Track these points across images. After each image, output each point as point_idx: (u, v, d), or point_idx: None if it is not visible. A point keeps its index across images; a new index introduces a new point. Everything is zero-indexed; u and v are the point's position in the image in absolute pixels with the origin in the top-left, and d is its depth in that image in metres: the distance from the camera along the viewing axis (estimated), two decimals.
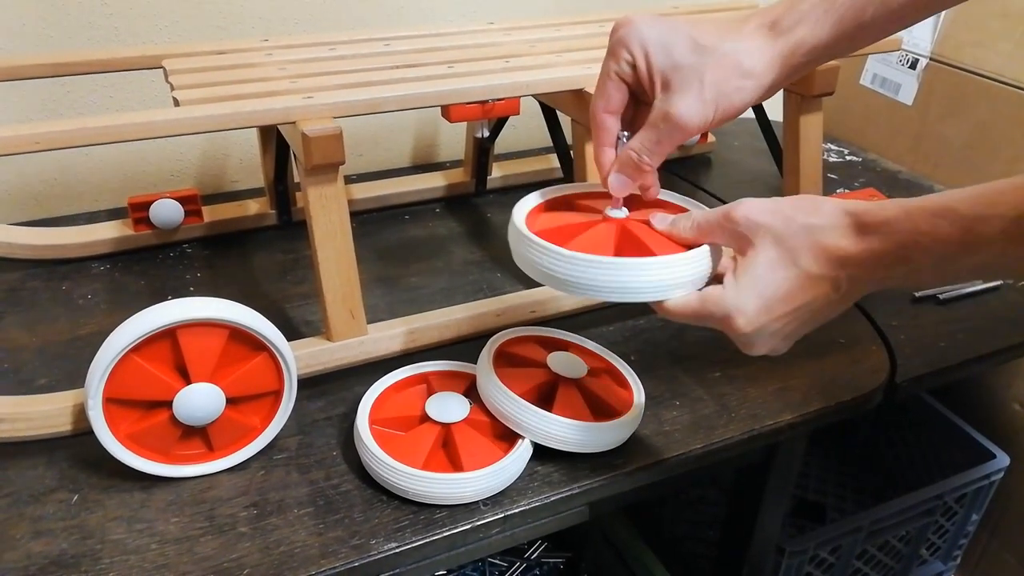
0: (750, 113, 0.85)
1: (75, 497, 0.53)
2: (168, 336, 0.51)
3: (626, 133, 0.50)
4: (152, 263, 0.78)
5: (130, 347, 0.49)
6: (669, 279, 0.46)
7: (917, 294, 0.76)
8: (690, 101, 0.47)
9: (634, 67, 0.48)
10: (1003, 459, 0.96)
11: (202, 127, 0.53)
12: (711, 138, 1.06)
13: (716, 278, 0.48)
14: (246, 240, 0.83)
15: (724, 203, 0.94)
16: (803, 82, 0.74)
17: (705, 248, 0.47)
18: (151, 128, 0.52)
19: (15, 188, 0.85)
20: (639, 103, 0.50)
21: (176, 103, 0.55)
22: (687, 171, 1.01)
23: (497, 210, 0.90)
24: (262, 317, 0.53)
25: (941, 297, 0.75)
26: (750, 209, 0.45)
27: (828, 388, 0.64)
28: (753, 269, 0.44)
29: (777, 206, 0.45)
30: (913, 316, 0.73)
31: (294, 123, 0.55)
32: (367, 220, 0.87)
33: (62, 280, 0.76)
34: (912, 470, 1.04)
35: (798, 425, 0.61)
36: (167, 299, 0.72)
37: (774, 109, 0.79)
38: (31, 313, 0.71)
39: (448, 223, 0.87)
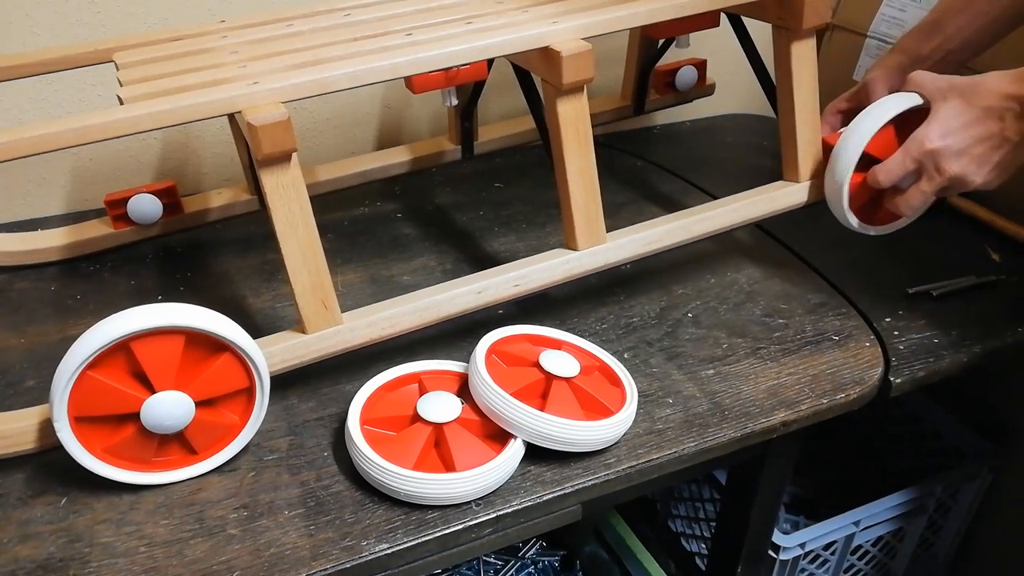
0: (742, 108, 0.85)
1: (63, 500, 0.52)
2: (122, 349, 0.49)
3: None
4: (140, 263, 0.78)
5: (85, 365, 0.48)
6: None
7: (911, 290, 0.76)
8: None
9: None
10: (996, 455, 0.96)
11: (142, 126, 0.51)
12: (710, 80, 1.00)
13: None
14: (233, 231, 0.82)
15: (714, 197, 0.94)
16: (792, 16, 0.68)
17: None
18: (87, 133, 0.50)
19: (2, 187, 0.84)
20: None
21: (120, 102, 0.53)
22: (679, 167, 1.01)
23: (488, 208, 0.89)
24: (220, 316, 0.52)
25: (935, 293, 0.75)
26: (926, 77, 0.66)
27: (822, 386, 0.64)
28: (935, 113, 0.63)
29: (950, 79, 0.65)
30: (907, 312, 0.73)
31: (240, 112, 0.53)
32: (358, 219, 0.87)
33: (51, 281, 0.75)
34: (906, 466, 1.04)
35: (791, 423, 0.61)
36: (156, 298, 0.72)
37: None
38: (19, 314, 0.70)
39: (439, 221, 0.87)
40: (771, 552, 0.84)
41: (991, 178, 0.62)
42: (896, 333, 0.70)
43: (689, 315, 0.72)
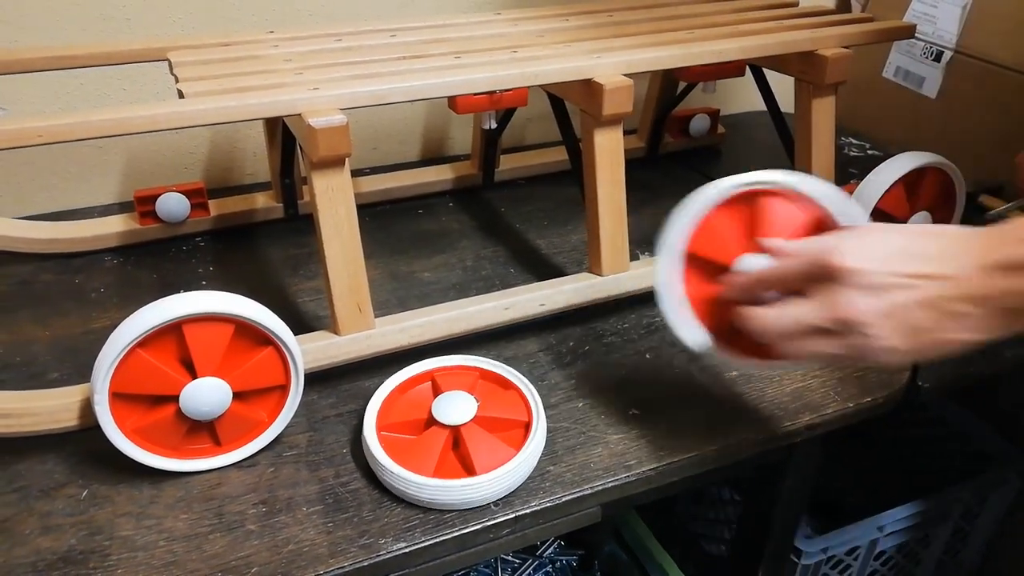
0: (760, 104, 0.85)
1: (84, 492, 0.53)
2: (174, 330, 0.50)
3: None
4: (164, 257, 0.78)
5: (136, 342, 0.49)
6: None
7: None
8: None
9: None
10: (1022, 461, 0.94)
11: (207, 119, 0.53)
12: (721, 129, 1.04)
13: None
14: (256, 233, 0.83)
15: None
16: (815, 70, 0.72)
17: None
18: (155, 121, 0.51)
19: (27, 181, 0.85)
20: None
21: (181, 95, 0.54)
22: (698, 163, 1.00)
23: (509, 205, 0.89)
24: (268, 311, 0.53)
25: None
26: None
27: (848, 389, 0.62)
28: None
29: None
30: None
31: (299, 115, 0.54)
32: (380, 214, 0.86)
33: (74, 273, 0.76)
34: (931, 470, 1.03)
35: (816, 427, 0.60)
36: (178, 293, 0.72)
37: (784, 100, 0.77)
38: (43, 307, 0.71)
39: (461, 217, 0.86)
40: (792, 556, 0.83)
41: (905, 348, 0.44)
42: None
43: None
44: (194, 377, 0.51)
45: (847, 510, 1.04)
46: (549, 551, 0.96)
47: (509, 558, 0.94)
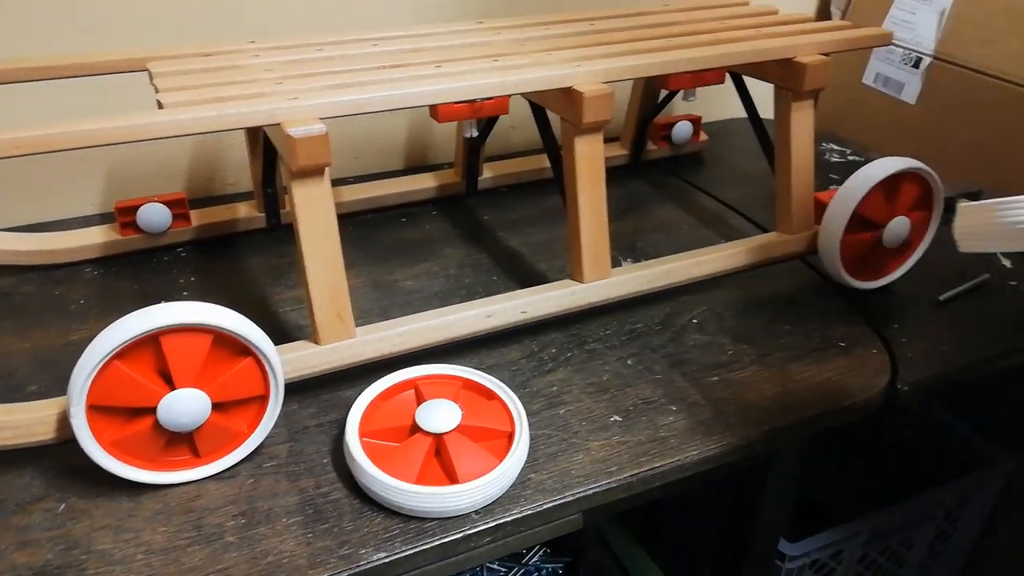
0: (742, 112, 0.85)
1: (62, 506, 0.52)
2: (151, 342, 0.50)
3: None
4: (145, 268, 0.78)
5: (112, 353, 0.49)
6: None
7: (918, 296, 0.75)
8: None
9: None
10: (1006, 462, 0.95)
11: (186, 129, 0.53)
12: (703, 136, 1.05)
13: None
14: (238, 243, 0.82)
15: (719, 201, 0.94)
16: (793, 77, 0.72)
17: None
18: (133, 131, 0.51)
19: (8, 192, 0.84)
20: None
21: (160, 106, 0.54)
22: (680, 170, 1.00)
23: (492, 212, 0.89)
24: (247, 321, 0.52)
25: (941, 298, 0.74)
26: None
27: (827, 393, 0.63)
28: None
29: None
30: (914, 318, 0.72)
31: (279, 125, 0.54)
32: (363, 222, 0.86)
33: (55, 285, 0.75)
34: (915, 472, 1.03)
35: (796, 431, 0.60)
36: (158, 303, 0.72)
37: (766, 107, 0.78)
38: (23, 319, 0.70)
39: (443, 225, 0.86)
40: (776, 560, 0.83)
41: None
42: (904, 340, 0.70)
43: (694, 321, 0.71)
44: (172, 388, 0.51)
45: (831, 512, 1.05)
46: (534, 559, 0.96)
47: (494, 566, 0.94)
